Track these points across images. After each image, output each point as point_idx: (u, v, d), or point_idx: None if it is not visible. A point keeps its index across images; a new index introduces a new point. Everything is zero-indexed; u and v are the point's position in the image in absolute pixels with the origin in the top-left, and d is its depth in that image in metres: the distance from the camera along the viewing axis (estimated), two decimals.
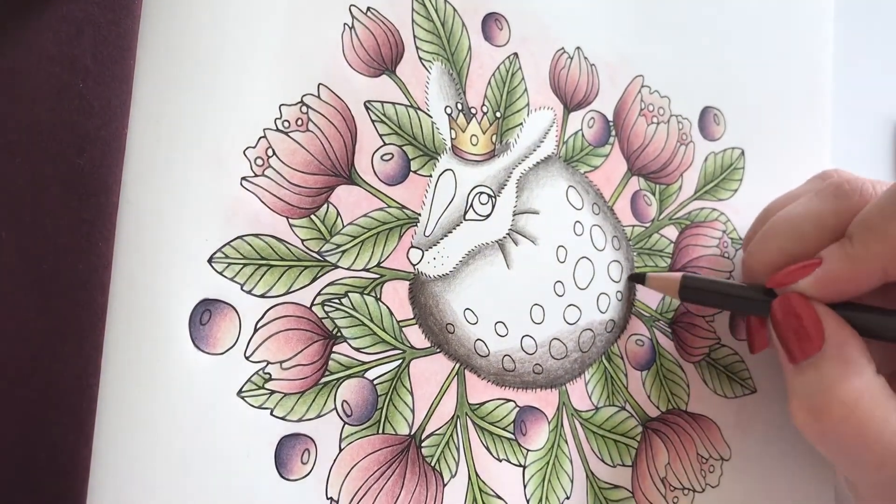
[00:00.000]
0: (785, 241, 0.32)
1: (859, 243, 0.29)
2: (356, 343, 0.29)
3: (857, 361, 0.28)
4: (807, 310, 0.30)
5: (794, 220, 0.32)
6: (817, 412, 0.28)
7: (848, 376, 0.28)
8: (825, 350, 0.29)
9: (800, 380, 0.29)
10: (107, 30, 0.25)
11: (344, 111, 0.30)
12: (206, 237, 0.27)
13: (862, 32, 0.46)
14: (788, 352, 0.30)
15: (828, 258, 0.30)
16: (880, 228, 0.29)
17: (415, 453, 0.30)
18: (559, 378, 0.33)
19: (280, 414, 0.27)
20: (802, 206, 0.32)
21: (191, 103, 0.27)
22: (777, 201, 0.36)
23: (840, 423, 0.28)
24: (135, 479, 0.25)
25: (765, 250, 0.32)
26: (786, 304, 0.30)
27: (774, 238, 0.32)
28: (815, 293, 0.30)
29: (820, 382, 0.28)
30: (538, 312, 0.33)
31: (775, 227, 0.33)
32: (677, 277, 0.34)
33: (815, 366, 0.29)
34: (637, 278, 0.35)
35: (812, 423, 0.29)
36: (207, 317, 0.26)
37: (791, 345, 0.30)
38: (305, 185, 0.29)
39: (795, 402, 0.29)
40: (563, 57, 0.35)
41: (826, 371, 0.28)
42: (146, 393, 0.25)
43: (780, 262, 0.32)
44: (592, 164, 0.35)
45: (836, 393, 0.28)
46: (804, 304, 0.30)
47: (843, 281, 0.29)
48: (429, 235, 0.31)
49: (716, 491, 0.35)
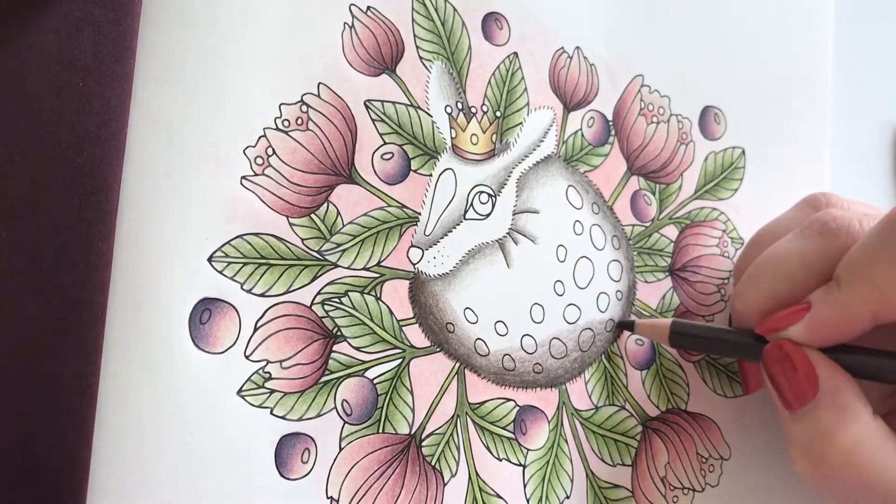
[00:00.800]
0: (772, 285, 0.31)
1: (846, 287, 0.28)
2: (356, 342, 0.29)
3: (852, 407, 0.28)
4: (799, 357, 0.29)
5: (781, 261, 0.31)
6: (816, 460, 0.28)
7: (844, 423, 0.28)
8: (820, 398, 0.28)
9: (797, 428, 0.29)
10: (107, 29, 0.25)
11: (344, 110, 0.30)
12: (206, 236, 0.27)
13: (861, 36, 0.46)
14: (784, 400, 0.29)
15: (816, 303, 0.29)
16: (866, 272, 0.28)
17: (415, 453, 0.30)
18: (559, 377, 0.33)
19: (280, 413, 0.27)
20: (789, 246, 0.32)
21: (191, 103, 0.27)
22: (766, 229, 0.35)
23: (840, 469, 0.27)
24: (135, 478, 0.25)
25: (753, 293, 0.32)
26: (777, 353, 0.30)
27: (761, 280, 0.32)
28: (806, 340, 0.29)
29: (817, 430, 0.28)
30: (538, 312, 0.33)
31: (761, 269, 0.32)
32: (667, 324, 0.33)
33: (811, 414, 0.28)
34: (626, 325, 0.35)
35: (812, 471, 0.28)
36: (207, 316, 0.26)
37: (785, 393, 0.29)
38: (305, 185, 0.29)
39: (794, 450, 0.29)
40: (562, 56, 0.35)
41: (822, 419, 0.28)
42: (146, 393, 0.25)
43: (768, 305, 0.31)
44: (592, 164, 0.35)
45: (833, 441, 0.28)
46: (796, 350, 0.29)
47: (833, 326, 0.29)
48: (429, 235, 0.31)
49: (715, 490, 0.35)
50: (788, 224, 0.34)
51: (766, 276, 0.31)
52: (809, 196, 0.34)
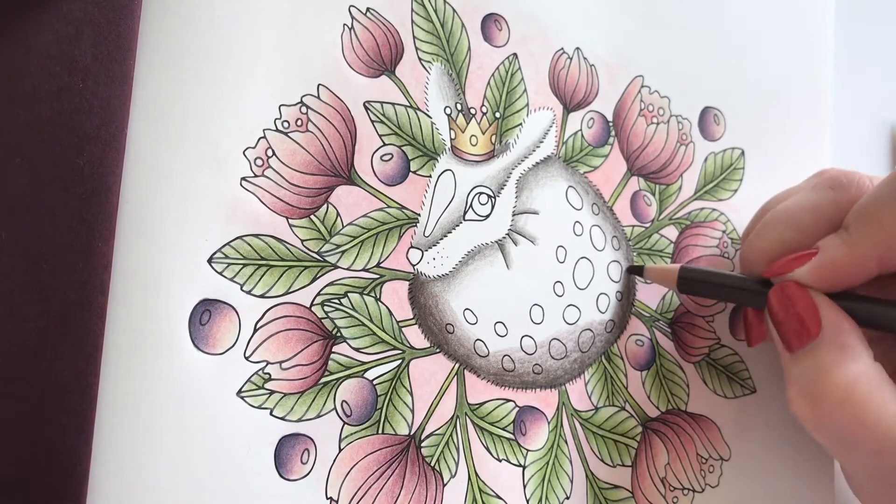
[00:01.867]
0: (783, 233, 0.32)
1: (856, 232, 0.29)
2: (356, 343, 0.29)
3: (853, 348, 0.28)
4: (803, 298, 0.30)
5: (792, 212, 0.32)
6: (814, 398, 0.28)
7: (844, 362, 0.28)
8: (822, 337, 0.29)
9: (797, 367, 0.29)
10: (107, 30, 0.25)
11: (343, 111, 0.30)
12: (205, 237, 0.27)
13: (861, 36, 0.46)
14: (785, 341, 0.30)
15: (824, 247, 0.30)
16: (876, 216, 0.29)
17: (414, 453, 0.30)
18: (559, 378, 0.33)
19: (280, 414, 0.27)
20: (800, 199, 0.33)
21: (191, 103, 0.27)
22: (776, 197, 0.36)
23: (836, 407, 0.28)
24: (135, 479, 0.25)
25: (763, 241, 0.33)
26: (782, 293, 0.30)
27: (773, 229, 0.32)
28: (812, 282, 0.30)
29: (816, 368, 0.28)
30: (538, 312, 0.33)
31: (774, 219, 0.33)
32: (675, 269, 0.34)
33: (812, 353, 0.29)
34: (635, 270, 0.35)
35: (809, 410, 0.29)
36: (207, 317, 0.26)
37: (788, 333, 0.30)
38: (305, 186, 0.29)
39: (793, 389, 0.29)
40: (562, 57, 0.35)
41: (823, 357, 0.28)
42: (146, 393, 0.25)
43: (777, 252, 0.32)
44: (592, 165, 0.35)
45: (832, 378, 0.28)
46: (801, 292, 0.30)
47: (840, 269, 0.29)
48: (428, 236, 0.31)
49: (715, 491, 0.35)
50: (798, 192, 0.34)
51: (777, 226, 0.32)
52: (819, 170, 0.35)
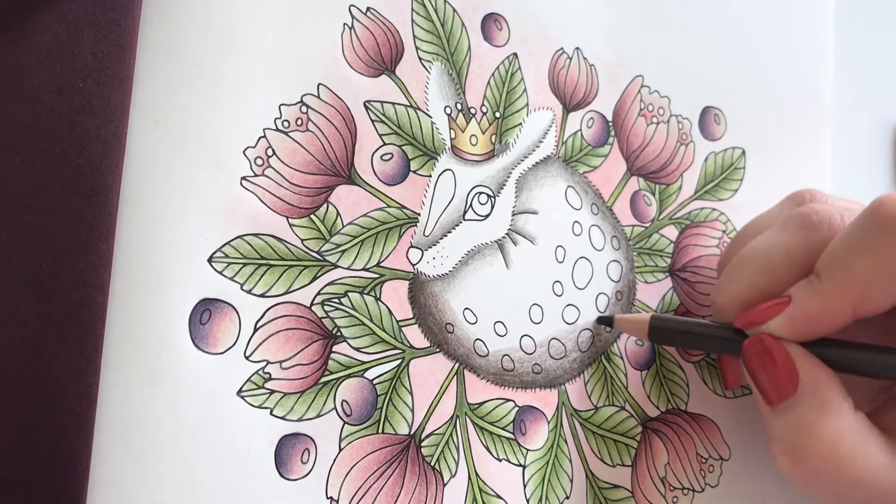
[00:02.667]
0: (753, 276, 0.31)
1: (827, 279, 0.28)
2: (356, 343, 0.29)
3: (833, 401, 0.28)
4: (779, 351, 0.29)
5: (762, 254, 0.31)
6: (797, 456, 0.28)
7: (825, 417, 0.27)
8: (800, 392, 0.28)
9: (777, 424, 0.28)
10: (107, 29, 0.25)
11: (343, 111, 0.30)
12: (205, 237, 0.27)
13: (861, 36, 0.46)
14: (764, 394, 0.29)
15: (797, 297, 0.29)
16: (846, 263, 0.28)
17: (414, 453, 0.30)
18: (558, 378, 0.33)
19: (280, 413, 0.27)
20: (770, 239, 0.31)
21: (191, 103, 0.27)
22: (749, 225, 0.35)
23: (821, 464, 0.27)
24: (135, 479, 0.25)
25: (733, 286, 0.31)
26: (757, 346, 0.29)
27: (743, 272, 0.31)
28: (786, 333, 0.29)
29: (797, 426, 0.28)
30: (537, 312, 0.33)
31: (743, 262, 0.31)
32: (645, 319, 0.32)
33: (792, 409, 0.28)
34: (604, 321, 0.34)
35: (793, 467, 0.28)
36: (207, 316, 0.26)
37: (765, 388, 0.29)
38: (305, 185, 0.29)
39: (776, 446, 0.29)
40: (562, 57, 0.35)
41: (803, 414, 0.28)
42: (146, 393, 0.25)
43: (749, 298, 0.31)
44: (592, 165, 0.35)
45: (814, 435, 0.27)
46: (776, 345, 0.29)
47: (814, 319, 0.28)
48: (428, 235, 0.31)
49: (715, 491, 0.35)
50: (772, 220, 0.33)
51: (748, 269, 0.31)
52: (793, 193, 0.34)
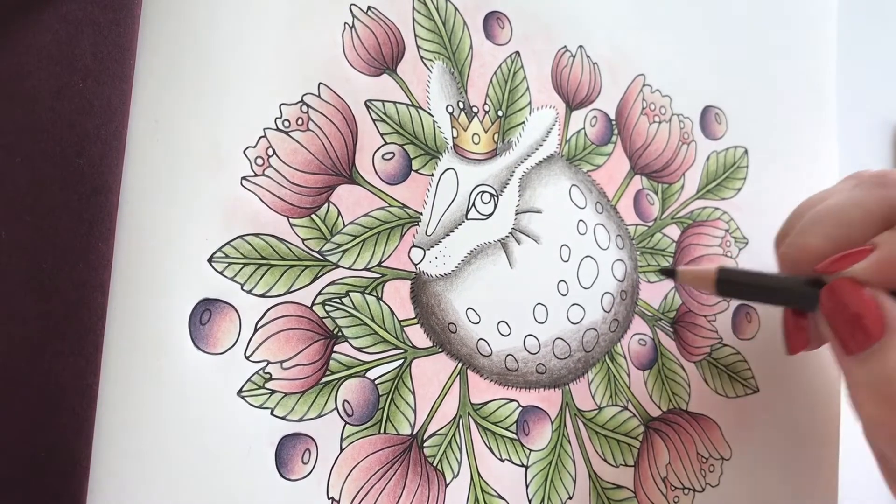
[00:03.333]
0: (831, 229, 0.30)
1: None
2: (357, 343, 0.29)
3: None
4: (862, 296, 0.28)
5: (841, 208, 0.30)
6: (890, 401, 0.26)
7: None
8: (889, 337, 0.27)
9: (863, 371, 0.27)
10: (107, 30, 0.25)
11: (344, 110, 0.30)
12: (206, 237, 0.27)
13: (863, 35, 0.45)
14: (844, 343, 0.28)
15: (883, 243, 0.28)
16: None
17: (416, 453, 0.29)
18: (563, 378, 0.33)
19: (281, 414, 0.27)
20: (846, 196, 0.31)
21: (191, 103, 0.27)
22: (811, 199, 0.34)
23: None
24: (135, 479, 0.25)
25: (810, 238, 0.30)
26: (839, 291, 0.28)
27: (820, 226, 0.30)
28: (871, 278, 0.28)
29: (889, 370, 0.26)
30: (541, 312, 0.33)
31: (819, 216, 0.31)
32: (712, 270, 0.32)
33: (880, 354, 0.27)
34: (668, 272, 0.34)
35: (883, 414, 0.27)
36: (207, 316, 0.26)
37: (846, 335, 0.28)
38: (306, 185, 0.29)
39: (861, 393, 0.27)
40: (565, 55, 0.35)
41: (894, 358, 0.27)
42: (146, 393, 0.25)
43: (826, 250, 0.30)
44: (595, 163, 0.35)
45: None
46: (859, 289, 0.28)
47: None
48: (430, 235, 0.31)
49: (716, 490, 0.35)
50: (835, 191, 0.33)
51: (824, 224, 0.30)
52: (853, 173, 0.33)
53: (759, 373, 0.37)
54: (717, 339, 0.37)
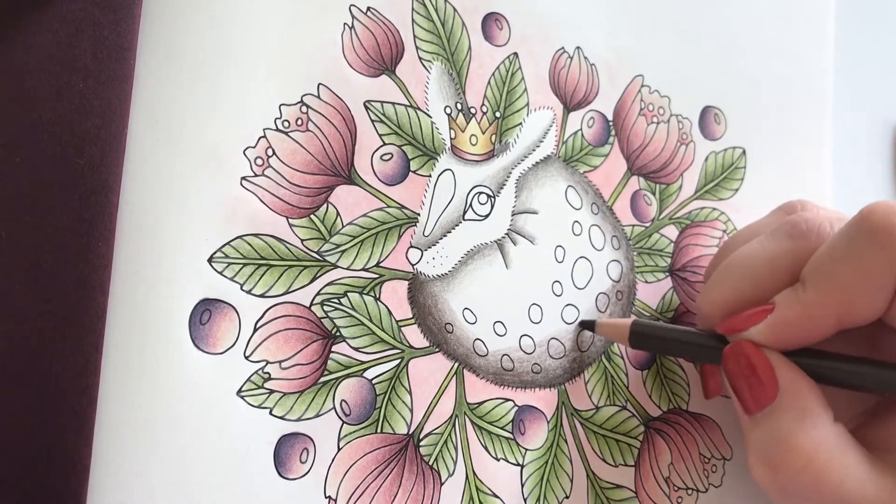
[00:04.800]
0: (738, 283, 0.30)
1: (811, 288, 0.28)
2: (355, 343, 0.29)
3: (813, 411, 0.27)
4: (759, 358, 0.28)
5: (749, 262, 0.30)
6: (774, 465, 0.27)
7: (804, 427, 0.27)
8: (780, 401, 0.27)
9: (756, 433, 0.28)
10: (107, 30, 0.25)
11: (344, 111, 0.30)
12: (205, 237, 0.27)
13: (862, 35, 0.46)
14: (742, 402, 0.29)
15: (780, 304, 0.28)
16: (831, 273, 0.27)
17: (413, 452, 0.30)
18: (558, 377, 0.33)
19: (279, 413, 0.27)
20: (758, 247, 0.31)
21: (191, 103, 0.27)
22: (738, 235, 0.34)
23: (798, 474, 0.26)
24: (135, 479, 0.25)
25: (717, 292, 0.31)
26: (737, 352, 0.29)
27: (728, 279, 0.31)
28: (768, 341, 0.28)
29: (776, 434, 0.27)
30: (536, 312, 0.33)
31: (729, 269, 0.31)
32: (626, 324, 0.32)
33: (771, 417, 0.27)
34: (586, 325, 0.34)
35: (770, 476, 0.27)
36: (207, 316, 0.27)
37: (744, 395, 0.28)
38: (305, 185, 0.29)
39: (753, 455, 0.28)
40: (562, 56, 0.35)
41: (781, 423, 0.27)
42: (146, 393, 0.25)
43: (733, 305, 0.30)
44: (592, 164, 0.35)
45: (792, 444, 0.26)
46: (756, 352, 0.28)
47: (797, 328, 0.28)
48: (428, 235, 0.31)
49: (719, 491, 0.35)
50: (762, 229, 0.33)
51: (733, 276, 0.31)
52: (784, 203, 0.34)
53: None
54: None
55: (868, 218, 0.27)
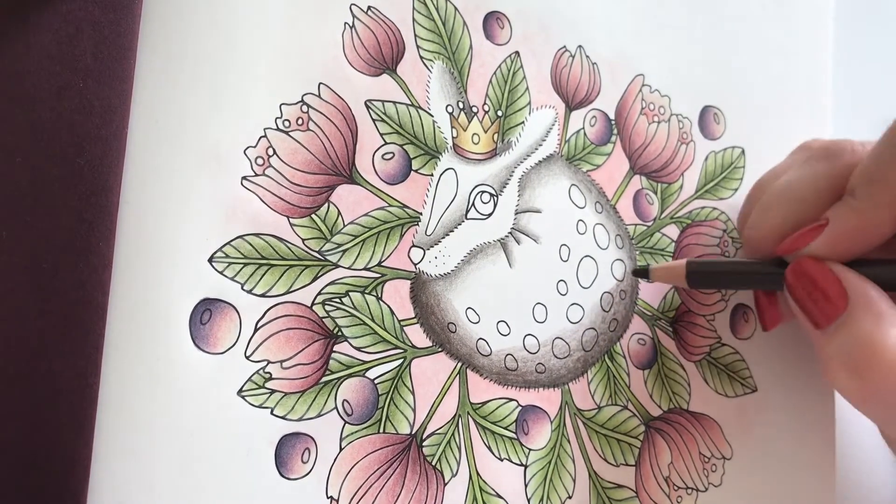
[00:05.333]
0: (786, 210, 0.31)
1: (863, 196, 0.29)
2: (357, 342, 0.29)
3: (888, 313, 0.27)
4: (823, 271, 0.29)
5: (792, 188, 0.31)
6: (860, 371, 0.27)
7: (883, 328, 0.27)
8: (852, 308, 0.28)
9: (832, 344, 0.28)
10: (107, 29, 0.25)
11: (345, 110, 0.30)
12: (206, 237, 0.27)
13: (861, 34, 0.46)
14: (812, 318, 0.29)
15: (834, 217, 0.29)
16: (881, 177, 0.28)
17: (416, 452, 0.29)
18: (562, 377, 0.33)
19: (280, 413, 0.27)
20: (796, 174, 0.32)
21: (191, 103, 0.27)
22: (765, 178, 0.35)
23: (887, 375, 0.27)
24: (135, 479, 0.25)
25: (767, 222, 0.32)
26: (800, 270, 0.29)
27: (776, 207, 0.32)
28: (828, 253, 0.29)
29: (856, 341, 0.27)
30: (541, 311, 0.33)
31: (773, 198, 0.32)
32: (682, 265, 0.33)
33: (846, 326, 0.28)
34: (640, 273, 0.35)
35: (855, 384, 0.28)
36: (208, 316, 0.26)
37: (813, 311, 0.29)
38: (306, 185, 0.29)
39: (833, 365, 0.28)
40: (564, 55, 0.35)
41: (860, 328, 0.27)
42: (146, 393, 0.25)
43: (784, 231, 0.31)
44: (594, 163, 0.35)
45: (875, 347, 0.27)
46: (819, 265, 0.29)
47: (854, 236, 0.29)
48: (430, 234, 0.31)
49: (719, 490, 0.35)
50: (788, 166, 0.34)
51: (779, 204, 0.32)
52: (801, 144, 0.35)
53: (757, 372, 0.38)
54: (716, 338, 0.37)
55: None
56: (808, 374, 0.39)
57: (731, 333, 0.38)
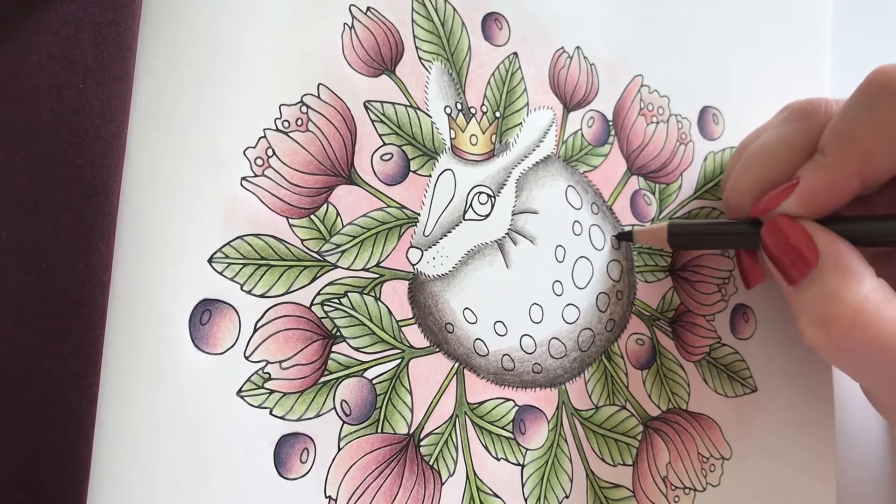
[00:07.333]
0: (761, 170, 0.32)
1: (831, 153, 0.29)
2: (355, 343, 0.29)
3: (855, 269, 0.28)
4: (795, 229, 0.30)
5: (767, 148, 0.32)
6: (825, 324, 0.28)
7: (849, 283, 0.28)
8: (822, 263, 0.29)
9: (803, 298, 0.29)
10: (107, 30, 0.25)
11: (343, 111, 0.30)
12: (206, 237, 0.27)
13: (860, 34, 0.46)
14: (785, 274, 0.30)
15: (804, 175, 0.30)
16: (848, 133, 0.29)
17: (413, 452, 0.30)
18: (558, 377, 0.33)
19: (279, 413, 0.27)
20: (771, 134, 0.33)
21: (191, 103, 0.27)
22: (746, 139, 0.36)
23: (850, 329, 0.27)
24: (135, 479, 0.25)
25: (744, 181, 0.33)
26: (774, 228, 0.30)
27: (750, 169, 0.33)
28: (800, 211, 0.30)
29: (823, 295, 0.28)
30: (537, 312, 0.33)
31: (749, 159, 0.33)
32: (664, 227, 0.34)
33: (815, 281, 0.29)
34: (624, 236, 0.35)
35: (822, 336, 0.28)
36: (207, 317, 0.27)
37: (786, 267, 0.30)
38: (305, 185, 0.29)
39: (802, 319, 0.29)
40: (562, 56, 0.35)
41: (827, 283, 0.28)
42: (146, 393, 0.25)
43: (759, 191, 0.32)
44: (592, 164, 0.35)
45: (841, 300, 0.28)
46: (792, 224, 0.30)
47: (823, 193, 0.29)
48: (428, 235, 0.31)
49: (717, 490, 0.35)
50: (770, 126, 0.35)
51: (754, 164, 0.32)
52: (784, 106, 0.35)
53: (757, 372, 0.38)
54: (716, 338, 0.37)
55: (878, 76, 0.28)
56: (808, 374, 0.39)
57: (730, 333, 0.38)
